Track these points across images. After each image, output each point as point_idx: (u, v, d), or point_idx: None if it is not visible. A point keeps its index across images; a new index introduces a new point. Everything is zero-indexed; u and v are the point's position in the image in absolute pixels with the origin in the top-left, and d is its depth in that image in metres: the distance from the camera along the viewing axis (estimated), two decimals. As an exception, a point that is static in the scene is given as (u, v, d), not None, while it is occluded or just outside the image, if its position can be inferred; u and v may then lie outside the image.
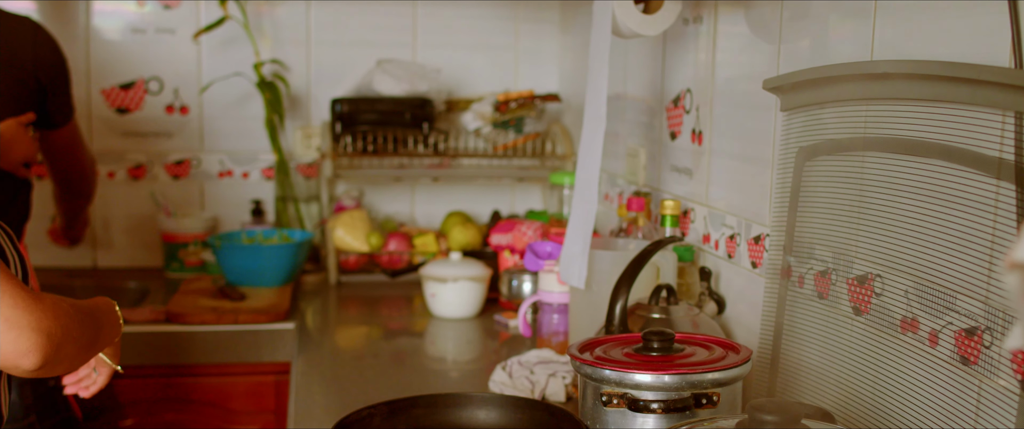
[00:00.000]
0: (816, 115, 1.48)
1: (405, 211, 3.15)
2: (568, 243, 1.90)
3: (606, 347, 1.40)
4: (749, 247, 1.79)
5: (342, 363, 2.13)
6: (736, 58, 1.87)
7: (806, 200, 1.50)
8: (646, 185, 2.32)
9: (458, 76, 3.12)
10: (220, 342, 2.37)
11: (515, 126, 2.92)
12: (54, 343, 1.22)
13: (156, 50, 2.98)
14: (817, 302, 1.47)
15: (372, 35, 3.08)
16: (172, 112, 3.01)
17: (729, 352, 1.36)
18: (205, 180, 3.04)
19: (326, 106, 3.02)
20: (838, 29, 1.51)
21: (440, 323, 2.40)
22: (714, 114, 1.95)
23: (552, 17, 3.16)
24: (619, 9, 1.83)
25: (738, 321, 1.86)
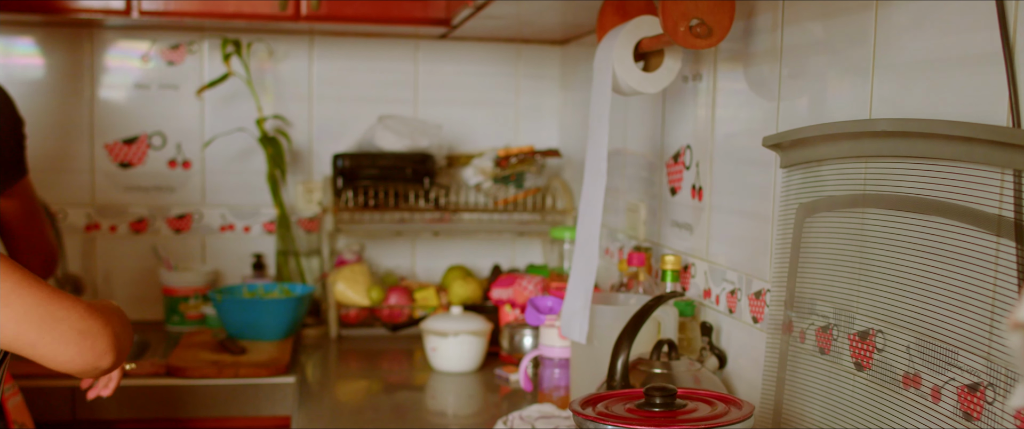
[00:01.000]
0: (816, 172, 1.50)
1: (406, 265, 3.16)
2: (569, 298, 1.91)
3: (608, 403, 1.40)
4: (750, 302, 1.80)
5: (342, 417, 2.13)
6: (735, 115, 1.89)
7: (807, 256, 1.52)
8: (646, 240, 2.33)
9: (459, 132, 3.15)
10: (220, 396, 2.37)
11: (516, 181, 2.94)
12: (119, 341, 1.33)
13: (159, 105, 3.01)
14: (819, 357, 1.48)
15: (373, 91, 3.11)
16: (174, 167, 3.03)
17: (731, 407, 1.36)
18: (207, 234, 3.06)
19: (327, 161, 3.04)
20: (837, 86, 1.53)
21: (441, 377, 2.40)
22: (714, 170, 1.97)
23: (552, 73, 3.20)
24: (619, 67, 1.86)
25: (739, 376, 1.86)
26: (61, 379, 2.33)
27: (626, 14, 1.94)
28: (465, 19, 2.56)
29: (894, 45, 1.38)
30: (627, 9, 1.94)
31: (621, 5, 1.96)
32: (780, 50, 1.69)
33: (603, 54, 1.89)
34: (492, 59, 3.17)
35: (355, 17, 2.74)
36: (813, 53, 1.60)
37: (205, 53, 3.01)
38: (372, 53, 3.11)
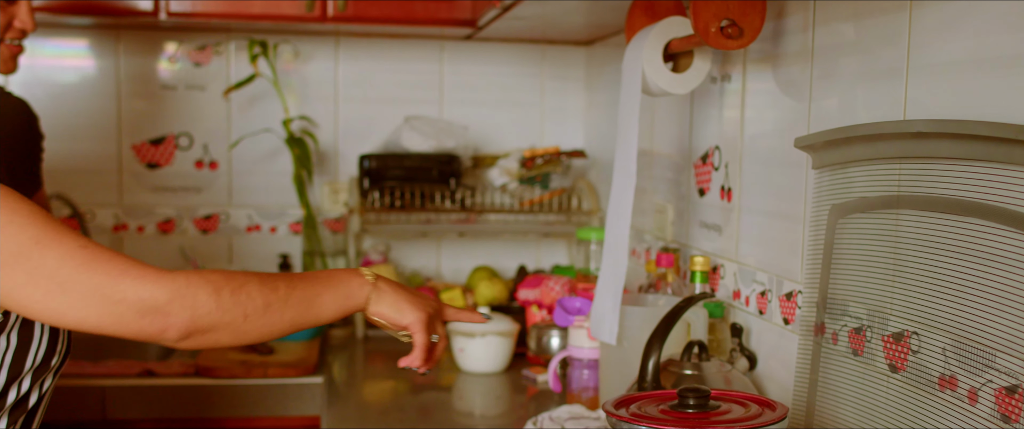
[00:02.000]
0: (848, 173, 1.49)
1: (431, 266, 3.17)
2: (599, 299, 1.90)
3: (641, 404, 1.40)
4: (780, 303, 1.80)
5: (370, 417, 2.14)
6: (765, 115, 1.89)
7: (839, 257, 1.51)
8: (674, 241, 2.33)
9: (485, 132, 3.15)
10: (249, 396, 2.38)
11: (541, 182, 2.95)
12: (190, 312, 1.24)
13: (187, 106, 3.02)
14: (852, 359, 1.47)
15: (399, 92, 3.12)
16: (201, 167, 3.04)
17: (765, 409, 1.36)
18: (233, 235, 3.07)
19: (353, 161, 3.05)
20: (869, 87, 1.52)
21: (468, 378, 2.41)
22: (743, 171, 1.96)
23: (577, 74, 3.20)
24: (649, 67, 1.85)
25: (770, 377, 1.86)
26: (92, 379, 2.35)
27: (655, 15, 1.93)
28: (491, 20, 2.56)
29: (928, 46, 1.38)
30: (656, 9, 1.94)
31: (650, 5, 1.96)
32: (811, 51, 1.69)
33: (632, 55, 1.89)
34: (517, 60, 3.17)
35: (381, 18, 2.74)
36: (845, 54, 1.60)
37: (231, 54, 3.03)
38: (398, 54, 3.11)
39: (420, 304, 1.47)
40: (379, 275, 1.46)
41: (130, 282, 1.22)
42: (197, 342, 1.27)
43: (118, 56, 2.99)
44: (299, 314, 1.35)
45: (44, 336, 1.32)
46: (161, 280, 1.23)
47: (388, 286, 1.45)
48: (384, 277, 1.47)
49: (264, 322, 1.31)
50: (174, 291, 1.23)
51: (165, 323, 1.23)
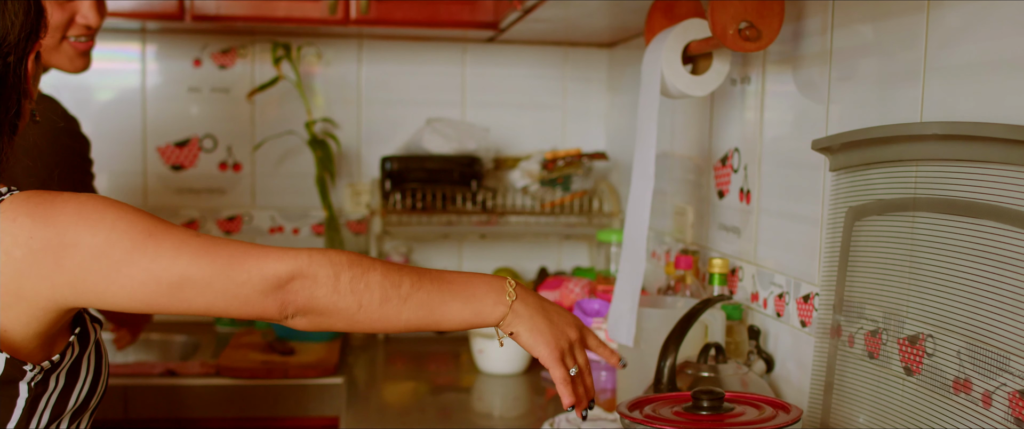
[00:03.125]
0: (865, 175, 1.49)
1: (452, 267, 3.17)
2: (616, 301, 1.91)
3: (655, 405, 1.41)
4: (798, 306, 1.79)
5: (389, 418, 2.15)
6: (784, 117, 1.88)
7: (856, 259, 1.51)
8: (693, 243, 2.33)
9: (506, 134, 3.15)
10: (270, 396, 2.40)
11: (562, 184, 2.95)
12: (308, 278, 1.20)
13: (211, 109, 3.05)
14: (867, 362, 1.47)
15: (421, 94, 3.13)
16: (225, 169, 3.07)
17: (779, 411, 1.36)
18: (256, 236, 3.09)
19: (375, 163, 3.06)
20: (887, 89, 1.52)
21: (487, 379, 2.41)
22: (762, 173, 1.96)
23: (599, 76, 3.20)
24: (668, 70, 1.86)
25: (787, 380, 1.86)
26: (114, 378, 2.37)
27: (674, 17, 1.93)
28: (513, 22, 2.57)
29: (946, 48, 1.37)
30: (675, 11, 1.94)
31: (669, 8, 1.96)
32: (830, 53, 1.69)
33: (651, 57, 1.89)
34: (539, 62, 3.18)
35: (404, 21, 2.76)
36: (863, 56, 1.59)
37: (255, 57, 3.05)
38: (420, 56, 3.12)
39: (556, 334, 1.34)
40: (521, 290, 1.34)
41: (253, 262, 1.19)
42: (313, 323, 1.24)
43: (144, 59, 3.02)
44: (418, 317, 1.29)
45: (88, 376, 1.29)
46: (284, 257, 1.20)
47: (527, 310, 1.33)
48: (527, 292, 1.35)
49: (379, 316, 1.26)
50: (296, 268, 1.20)
51: (284, 300, 1.21)
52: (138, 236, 1.16)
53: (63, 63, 1.97)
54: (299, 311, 1.22)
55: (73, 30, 1.93)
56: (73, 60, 1.97)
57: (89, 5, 1.92)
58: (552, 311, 1.36)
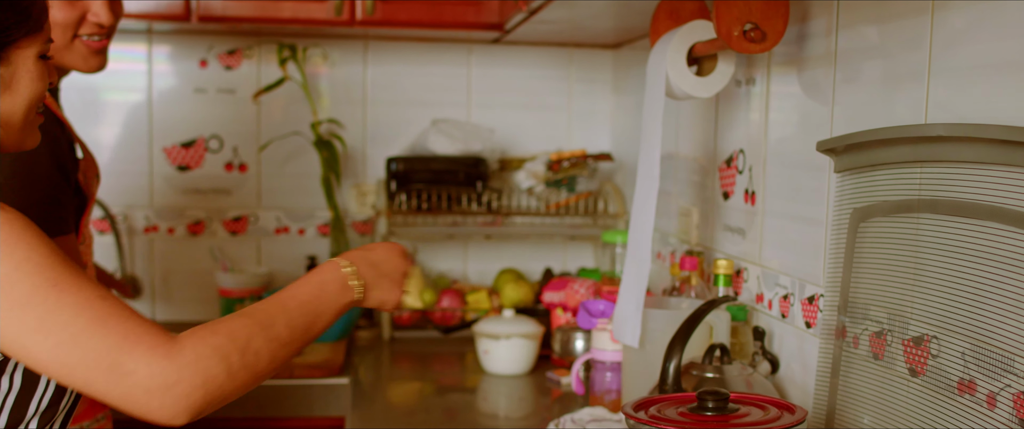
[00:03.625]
0: (870, 176, 1.49)
1: (458, 268, 3.18)
2: (621, 302, 1.91)
3: (660, 406, 1.41)
4: (803, 307, 1.80)
5: (395, 418, 2.15)
6: (789, 119, 1.89)
7: (861, 261, 1.51)
8: (698, 244, 2.33)
9: (511, 135, 3.16)
10: (275, 396, 2.40)
11: (567, 185, 2.95)
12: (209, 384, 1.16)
13: (217, 109, 3.05)
14: (872, 363, 1.47)
15: (426, 95, 3.13)
16: (231, 170, 3.07)
17: (784, 412, 1.36)
18: (262, 236, 3.10)
19: (381, 164, 3.07)
20: (891, 91, 1.52)
21: (492, 380, 2.42)
22: (767, 174, 1.96)
23: (604, 78, 3.20)
24: (673, 71, 1.86)
25: (792, 381, 1.86)
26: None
27: (679, 18, 1.94)
28: (519, 23, 2.57)
29: (951, 49, 1.38)
30: (680, 13, 1.95)
31: (674, 9, 1.96)
32: (834, 54, 1.69)
33: (656, 58, 1.89)
34: (544, 63, 3.18)
35: (409, 21, 2.76)
36: (868, 57, 1.60)
37: (261, 58, 3.05)
38: (425, 57, 3.13)
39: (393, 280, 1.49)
40: (355, 259, 1.42)
41: (141, 353, 1.12)
42: (208, 412, 1.19)
43: (150, 60, 3.03)
44: (301, 346, 1.31)
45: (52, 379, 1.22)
46: (172, 356, 1.13)
47: (365, 270, 1.43)
48: (357, 259, 1.43)
49: (271, 371, 1.26)
50: (184, 367, 1.14)
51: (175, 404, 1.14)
52: (42, 283, 1.10)
53: (77, 62, 1.93)
54: (196, 412, 1.17)
55: (85, 28, 1.90)
56: (87, 59, 1.93)
57: (101, 3, 1.89)
58: (374, 254, 1.47)
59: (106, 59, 1.97)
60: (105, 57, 1.96)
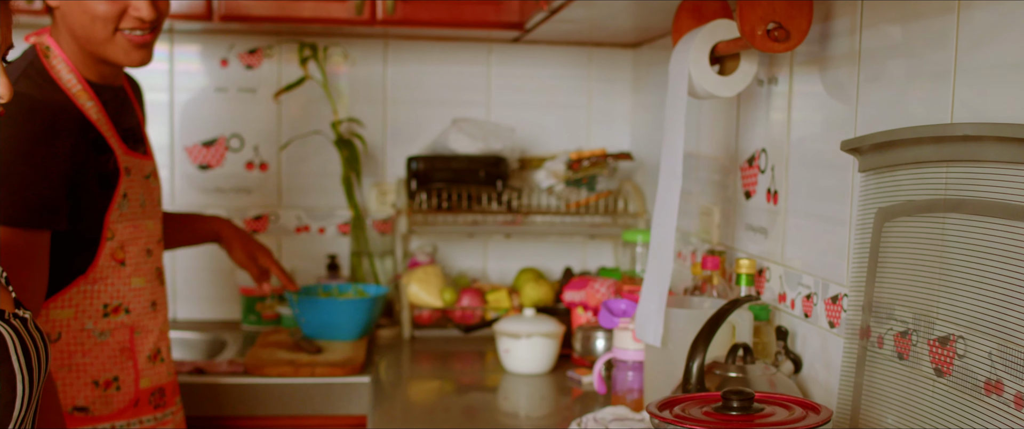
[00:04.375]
0: (895, 176, 1.49)
1: (477, 267, 3.18)
2: (644, 301, 1.91)
3: (685, 405, 1.41)
4: (826, 306, 1.79)
5: (415, 418, 2.16)
6: (811, 118, 1.88)
7: (885, 260, 1.51)
8: (720, 243, 2.33)
9: (531, 134, 3.16)
10: (297, 394, 2.41)
11: (587, 184, 2.95)
12: None
13: (238, 108, 3.06)
14: (897, 363, 1.47)
15: (447, 94, 3.14)
16: (252, 169, 3.08)
17: (809, 412, 1.36)
18: (283, 235, 3.11)
19: (400, 163, 3.07)
20: (916, 90, 1.52)
21: (513, 379, 2.42)
22: (790, 173, 1.96)
23: (624, 77, 3.20)
24: (695, 70, 1.86)
25: (815, 380, 1.85)
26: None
27: (702, 17, 1.94)
28: (539, 23, 2.57)
29: (977, 48, 1.37)
30: (703, 12, 1.94)
31: (697, 8, 1.96)
32: (858, 53, 1.68)
33: (679, 58, 1.89)
34: (564, 62, 3.18)
35: (429, 21, 2.77)
36: (892, 56, 1.59)
37: (282, 57, 3.06)
38: (445, 56, 3.13)
39: None
40: None
41: None
42: None
43: (171, 59, 3.04)
44: None
45: None
46: None
47: None
48: None
49: None
50: None
51: None
52: None
53: (118, 56, 1.95)
54: None
55: (126, 22, 1.92)
56: (128, 53, 1.94)
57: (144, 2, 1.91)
58: None
59: (149, 54, 1.98)
60: (148, 52, 1.98)
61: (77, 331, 1.93)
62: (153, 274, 2.06)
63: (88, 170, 1.89)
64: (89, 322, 1.94)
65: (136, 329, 2.00)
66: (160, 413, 2.04)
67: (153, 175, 2.09)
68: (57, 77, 1.93)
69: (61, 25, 1.95)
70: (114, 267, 1.96)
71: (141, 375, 2.01)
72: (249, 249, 2.39)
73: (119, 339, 1.98)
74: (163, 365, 2.07)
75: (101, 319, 1.95)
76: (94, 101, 1.94)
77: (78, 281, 1.93)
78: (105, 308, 1.95)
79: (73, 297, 1.92)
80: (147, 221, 2.04)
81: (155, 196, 2.09)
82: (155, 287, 2.06)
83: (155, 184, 2.09)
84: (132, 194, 1.98)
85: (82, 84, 1.94)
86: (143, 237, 2.02)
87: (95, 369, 1.94)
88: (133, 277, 1.99)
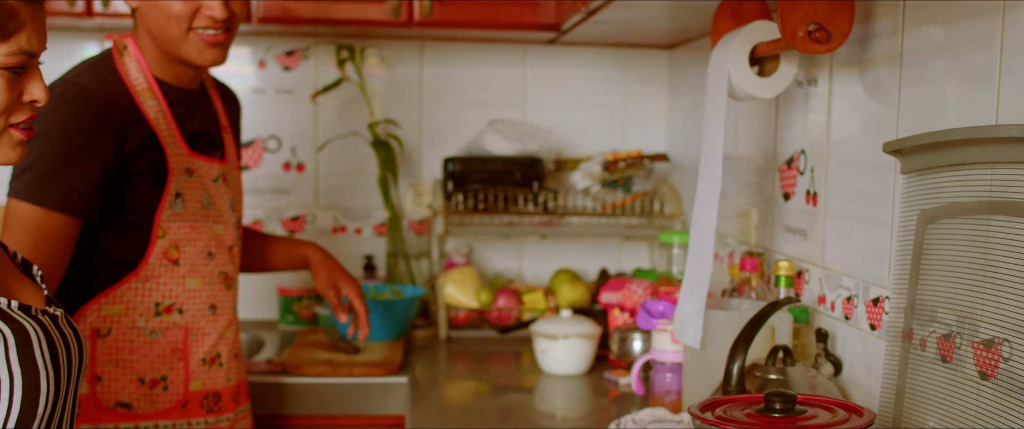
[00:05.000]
0: (938, 178, 1.48)
1: (513, 268, 3.19)
2: (683, 302, 1.91)
3: (727, 407, 1.41)
4: (867, 309, 1.78)
5: (451, 418, 2.17)
6: (851, 119, 1.88)
7: (928, 262, 1.50)
8: (757, 245, 2.32)
9: (567, 136, 3.16)
10: (335, 394, 2.43)
11: (623, 185, 2.95)
12: None
13: (275, 110, 3.08)
14: (940, 366, 1.46)
15: (482, 95, 3.15)
16: (289, 169, 3.10)
17: (852, 415, 1.36)
18: (319, 236, 3.12)
19: (437, 164, 3.08)
20: (959, 92, 1.51)
21: (549, 380, 2.42)
22: (829, 175, 1.95)
23: (660, 78, 3.20)
24: (735, 72, 1.85)
25: (855, 383, 1.85)
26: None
27: (741, 18, 1.93)
28: (576, 24, 2.58)
29: (1022, 49, 1.36)
30: (742, 13, 1.94)
31: (736, 9, 1.96)
32: (900, 54, 1.68)
33: (718, 59, 1.89)
34: (600, 63, 3.18)
35: (466, 22, 2.77)
36: (935, 57, 1.58)
37: (319, 59, 3.08)
38: (481, 58, 3.14)
39: None
40: None
41: None
42: None
43: (209, 61, 3.06)
44: None
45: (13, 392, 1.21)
46: None
47: None
48: None
49: None
50: None
51: None
52: None
53: (192, 55, 1.97)
54: None
55: (199, 21, 1.94)
56: (201, 52, 1.96)
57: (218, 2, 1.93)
58: None
59: (223, 54, 2.00)
60: (221, 51, 1.99)
61: (127, 328, 1.95)
62: (215, 278, 2.04)
63: (138, 166, 1.92)
64: (140, 320, 1.96)
65: (191, 330, 2.01)
66: (213, 418, 2.03)
67: (224, 179, 2.08)
68: (124, 74, 1.96)
69: (141, 25, 1.98)
70: (166, 266, 1.97)
71: (192, 377, 2.01)
72: (333, 278, 2.28)
73: (171, 339, 1.99)
74: (221, 370, 2.05)
75: (152, 318, 1.97)
76: (158, 101, 1.97)
77: (129, 278, 1.95)
78: (156, 307, 1.97)
79: (124, 294, 1.95)
80: (213, 224, 2.04)
81: (226, 201, 2.08)
82: (216, 290, 2.05)
83: (225, 189, 2.08)
84: (190, 195, 1.99)
85: (150, 83, 1.98)
86: (203, 239, 2.02)
87: (142, 367, 1.96)
88: (188, 278, 2.00)
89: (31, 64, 1.27)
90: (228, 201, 2.09)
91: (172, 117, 1.98)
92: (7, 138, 1.26)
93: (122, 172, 1.90)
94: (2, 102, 1.24)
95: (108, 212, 1.92)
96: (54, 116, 1.83)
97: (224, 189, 2.08)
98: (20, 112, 1.27)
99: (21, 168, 1.83)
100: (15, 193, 1.83)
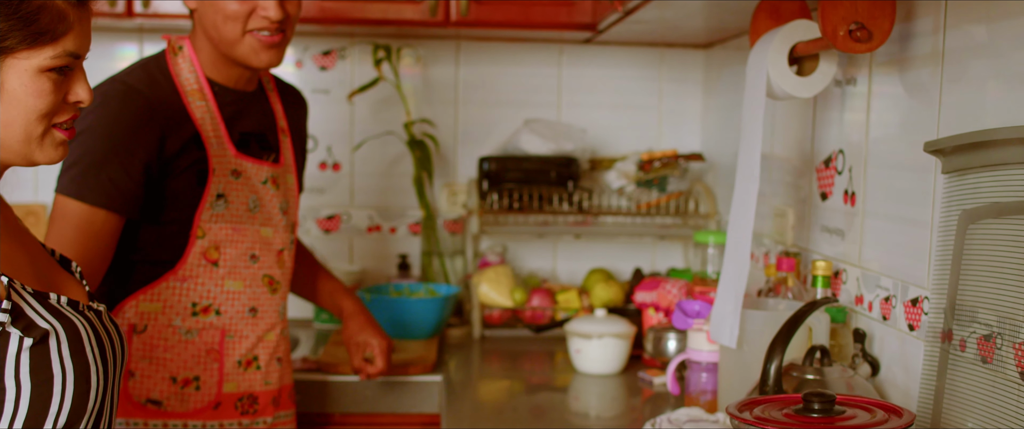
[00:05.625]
0: (980, 178, 1.47)
1: (547, 267, 3.19)
2: (719, 302, 1.90)
3: (765, 407, 1.40)
4: (905, 309, 1.77)
5: (485, 417, 2.17)
6: (890, 119, 1.86)
7: (969, 263, 1.49)
8: (794, 245, 2.31)
9: (602, 135, 3.16)
10: (370, 392, 2.44)
11: (658, 185, 2.95)
12: None
13: (312, 109, 3.07)
14: (980, 367, 1.45)
15: (518, 95, 3.15)
16: (325, 169, 3.12)
17: (891, 416, 1.35)
18: (354, 235, 3.14)
19: (471, 164, 3.09)
20: (1001, 91, 1.50)
21: (583, 379, 2.42)
22: (868, 175, 1.94)
23: (695, 77, 3.19)
24: (773, 71, 1.85)
25: (892, 384, 1.84)
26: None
27: (780, 18, 1.93)
28: (613, 23, 2.57)
29: (1066, 48, 1.35)
30: (781, 12, 1.93)
31: (775, 8, 1.95)
32: (941, 53, 1.66)
33: (757, 58, 1.88)
34: (635, 63, 3.18)
35: (502, 22, 2.78)
36: (976, 57, 1.57)
37: (355, 58, 3.10)
38: (516, 57, 3.15)
39: None
40: None
41: None
42: None
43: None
44: None
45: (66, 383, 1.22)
46: None
47: None
48: None
49: None
50: None
51: None
52: None
53: (247, 56, 1.98)
54: None
55: (254, 22, 1.94)
56: (257, 53, 1.97)
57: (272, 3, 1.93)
58: None
59: (279, 56, 2.00)
60: (278, 53, 1.99)
61: (163, 326, 1.97)
62: (258, 280, 2.04)
63: (180, 165, 1.94)
64: (177, 319, 1.97)
65: (228, 332, 2.01)
66: (247, 420, 2.03)
67: (274, 181, 2.08)
68: (175, 74, 1.98)
69: (198, 26, 2.00)
70: (205, 267, 1.98)
71: (226, 379, 2.01)
72: (363, 335, 2.25)
73: (207, 340, 2.00)
74: (259, 373, 2.05)
75: (189, 317, 1.98)
76: (207, 102, 1.98)
77: (167, 276, 1.96)
78: (194, 307, 1.98)
79: (161, 292, 1.96)
80: (259, 227, 2.04)
81: (276, 204, 2.07)
82: (259, 293, 2.04)
83: (276, 191, 2.08)
84: (235, 197, 2.00)
85: (202, 84, 1.99)
86: (246, 241, 2.02)
87: (175, 366, 1.97)
88: (227, 280, 2.00)
89: (76, 65, 1.28)
90: (279, 204, 2.08)
91: (221, 118, 2.00)
92: (50, 138, 1.28)
93: (164, 171, 1.92)
94: (49, 103, 1.25)
95: (149, 210, 1.94)
96: (99, 113, 1.86)
97: (274, 192, 2.07)
98: (64, 112, 1.29)
99: (67, 164, 1.86)
100: (60, 189, 1.87)
